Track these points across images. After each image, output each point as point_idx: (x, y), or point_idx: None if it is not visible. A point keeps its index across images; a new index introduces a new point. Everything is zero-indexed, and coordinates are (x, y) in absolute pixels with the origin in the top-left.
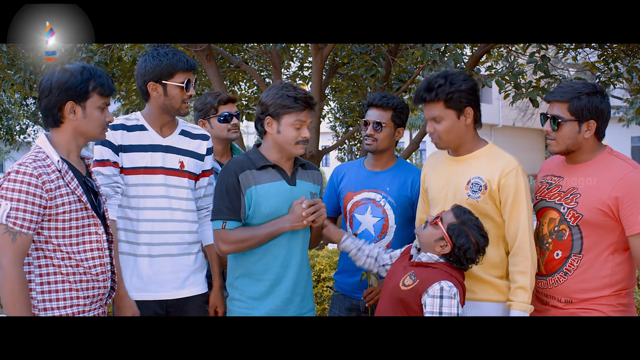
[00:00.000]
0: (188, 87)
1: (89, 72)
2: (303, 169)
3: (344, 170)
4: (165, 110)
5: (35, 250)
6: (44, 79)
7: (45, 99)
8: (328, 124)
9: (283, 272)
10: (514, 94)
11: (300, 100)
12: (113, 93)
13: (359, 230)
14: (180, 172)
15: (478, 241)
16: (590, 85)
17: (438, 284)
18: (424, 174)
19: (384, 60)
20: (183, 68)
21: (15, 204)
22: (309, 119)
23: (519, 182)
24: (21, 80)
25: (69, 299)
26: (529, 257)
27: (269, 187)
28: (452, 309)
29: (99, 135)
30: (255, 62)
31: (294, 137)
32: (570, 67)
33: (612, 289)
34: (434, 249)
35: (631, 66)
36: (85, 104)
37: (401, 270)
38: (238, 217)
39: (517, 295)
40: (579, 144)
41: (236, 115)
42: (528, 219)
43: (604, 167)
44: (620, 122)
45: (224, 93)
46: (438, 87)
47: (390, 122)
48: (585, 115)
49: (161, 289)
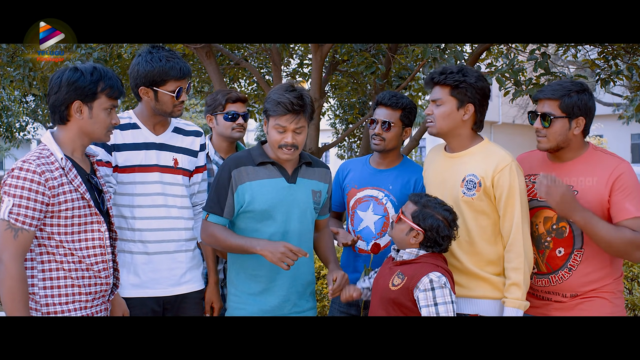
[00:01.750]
0: (179, 95)
1: (99, 73)
2: (309, 167)
3: (349, 167)
4: (157, 113)
5: (38, 246)
6: (55, 75)
7: (54, 95)
8: (328, 121)
9: (279, 271)
10: (514, 91)
11: (281, 104)
12: (122, 96)
13: (360, 226)
14: (175, 170)
15: (445, 216)
16: (577, 84)
17: (427, 277)
18: (424, 170)
19: (384, 57)
20: (175, 77)
21: (17, 201)
22: (292, 125)
23: (513, 179)
24: (20, 77)
25: (70, 295)
26: (522, 253)
27: (264, 184)
28: (445, 298)
29: (103, 136)
30: (255, 59)
31: (276, 141)
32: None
33: (613, 277)
34: (409, 242)
35: (631, 63)
36: (93, 104)
37: (387, 272)
38: (221, 212)
39: (511, 292)
40: (568, 141)
41: (243, 115)
42: (522, 215)
43: (596, 164)
44: (620, 119)
45: (235, 92)
46: (450, 73)
47: (399, 121)
48: (575, 112)
49: (158, 286)
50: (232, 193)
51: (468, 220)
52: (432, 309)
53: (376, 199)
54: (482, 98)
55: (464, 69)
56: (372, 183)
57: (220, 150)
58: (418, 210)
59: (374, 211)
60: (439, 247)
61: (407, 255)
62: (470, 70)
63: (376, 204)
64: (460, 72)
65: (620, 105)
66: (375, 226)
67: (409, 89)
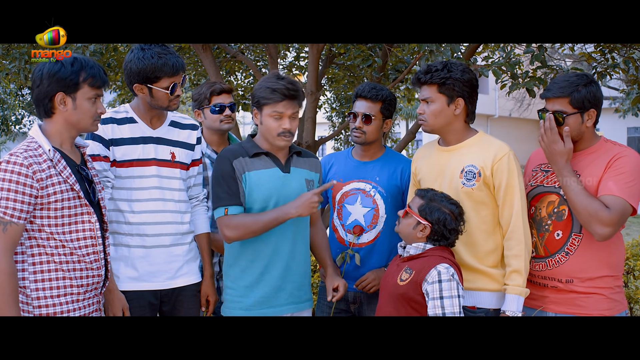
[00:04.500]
0: (174, 91)
1: (80, 63)
2: (299, 157)
3: (331, 161)
4: (153, 107)
5: (28, 239)
6: (36, 69)
7: (36, 89)
8: (324, 114)
9: (273, 260)
10: (511, 84)
11: (277, 91)
12: (105, 85)
13: (348, 220)
14: (172, 163)
15: (451, 210)
16: (583, 76)
17: (435, 269)
18: (415, 166)
19: (381, 50)
20: (168, 73)
21: (5, 194)
22: (289, 110)
23: (512, 167)
24: (16, 70)
25: (62, 288)
26: (522, 240)
27: (261, 174)
28: (452, 292)
29: (90, 126)
30: (252, 52)
31: (274, 129)
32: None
33: (611, 269)
34: (416, 236)
35: (628, 57)
36: (76, 95)
37: (395, 269)
38: (239, 201)
39: (512, 279)
40: (582, 134)
41: (229, 106)
42: (522, 203)
43: (603, 151)
44: (617, 112)
45: (218, 84)
46: (435, 71)
47: (379, 114)
48: (586, 105)
49: (155, 279)
50: (240, 181)
51: (468, 211)
52: (437, 302)
53: (363, 191)
54: (470, 90)
55: (449, 64)
56: (357, 176)
57: (212, 144)
58: (424, 204)
59: (362, 204)
60: (446, 240)
61: (414, 250)
62: (455, 65)
63: (364, 196)
64: (445, 69)
65: (617, 99)
66: (364, 219)
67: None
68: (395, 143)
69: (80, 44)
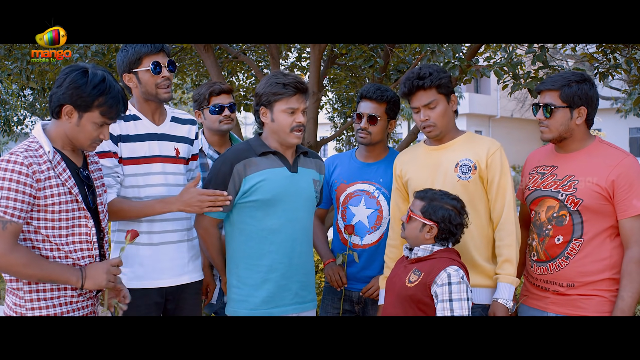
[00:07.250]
0: (158, 70)
1: (104, 87)
2: (306, 157)
3: (335, 162)
4: (146, 98)
5: (24, 240)
6: (66, 69)
7: (55, 89)
8: (326, 114)
9: (279, 259)
10: (513, 84)
11: (289, 85)
12: (116, 118)
13: (352, 221)
14: (177, 159)
15: (454, 205)
16: (578, 74)
17: (444, 271)
18: (400, 169)
19: (382, 51)
20: (147, 51)
21: (5, 193)
22: (302, 104)
23: (504, 161)
24: (18, 71)
25: (56, 290)
26: (513, 231)
27: (269, 173)
28: (461, 294)
29: (85, 147)
30: (253, 52)
31: (288, 124)
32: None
33: (612, 271)
34: (424, 238)
35: (630, 57)
36: (84, 114)
37: (402, 270)
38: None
39: (503, 268)
40: (571, 131)
41: (228, 106)
42: (512, 196)
43: (599, 154)
44: (618, 113)
45: (217, 84)
46: (429, 75)
47: (385, 114)
48: (576, 101)
49: (162, 276)
50: (233, 187)
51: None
52: (446, 304)
53: (367, 192)
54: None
55: (430, 67)
56: (361, 177)
57: (214, 144)
58: (427, 205)
59: (366, 205)
60: (454, 236)
61: (421, 252)
62: (435, 66)
63: (368, 197)
64: (434, 71)
65: (619, 99)
66: (368, 220)
67: None
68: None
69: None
